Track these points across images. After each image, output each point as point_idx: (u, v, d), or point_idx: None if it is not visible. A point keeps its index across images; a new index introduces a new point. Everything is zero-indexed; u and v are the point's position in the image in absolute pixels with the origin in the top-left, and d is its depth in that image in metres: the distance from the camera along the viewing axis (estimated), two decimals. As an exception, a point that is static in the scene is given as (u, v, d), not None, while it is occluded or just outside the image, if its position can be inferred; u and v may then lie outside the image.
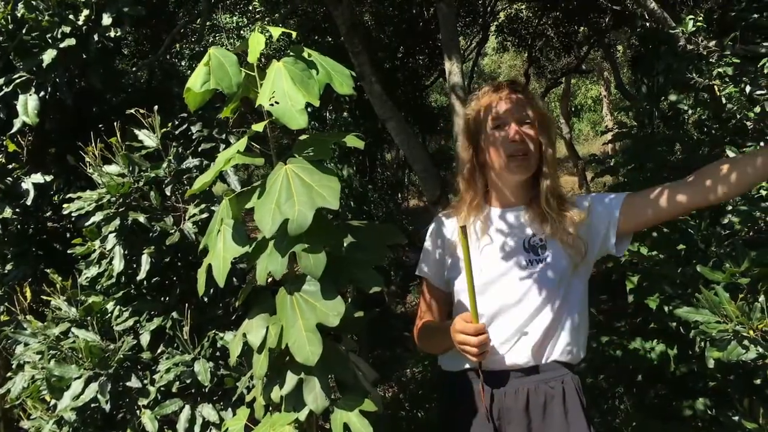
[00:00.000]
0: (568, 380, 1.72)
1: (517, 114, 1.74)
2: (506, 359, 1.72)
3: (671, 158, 3.21)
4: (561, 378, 1.71)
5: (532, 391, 1.70)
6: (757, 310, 1.75)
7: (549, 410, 1.69)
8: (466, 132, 1.85)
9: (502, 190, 1.82)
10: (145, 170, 2.24)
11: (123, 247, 2.19)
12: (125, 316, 2.26)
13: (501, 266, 1.75)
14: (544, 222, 1.74)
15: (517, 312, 1.71)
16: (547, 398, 1.70)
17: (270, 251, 1.36)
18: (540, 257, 1.73)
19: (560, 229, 1.72)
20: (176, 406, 2.14)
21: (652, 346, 2.83)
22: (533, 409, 1.69)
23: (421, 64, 8.67)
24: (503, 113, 1.75)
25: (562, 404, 1.69)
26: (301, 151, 1.37)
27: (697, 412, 2.83)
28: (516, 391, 1.70)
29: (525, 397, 1.70)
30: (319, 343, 1.32)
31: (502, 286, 1.73)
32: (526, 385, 1.71)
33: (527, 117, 1.75)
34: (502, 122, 1.75)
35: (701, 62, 3.08)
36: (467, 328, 1.60)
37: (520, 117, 1.74)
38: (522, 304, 1.71)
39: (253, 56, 1.35)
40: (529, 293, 1.71)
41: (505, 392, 1.71)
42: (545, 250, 1.74)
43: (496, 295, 1.72)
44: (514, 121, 1.73)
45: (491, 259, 1.77)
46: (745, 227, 2.38)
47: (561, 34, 8.66)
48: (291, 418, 1.44)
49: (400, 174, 8.85)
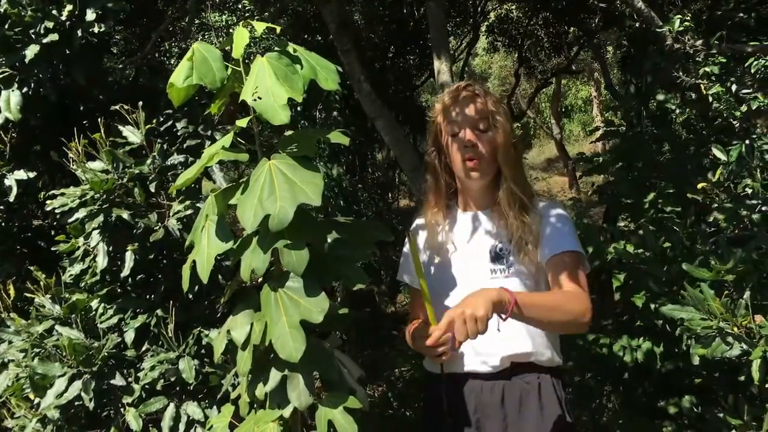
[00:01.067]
0: (545, 377, 1.73)
1: (471, 118, 1.74)
2: (479, 364, 1.73)
3: (659, 158, 3.22)
4: (538, 375, 1.73)
5: (508, 386, 1.71)
6: (741, 307, 1.75)
7: (524, 404, 1.70)
8: (432, 135, 1.85)
9: (467, 194, 1.84)
10: (130, 166, 2.23)
11: (107, 243, 2.17)
12: (109, 313, 2.24)
13: (468, 271, 1.76)
14: (508, 228, 1.75)
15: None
16: (522, 393, 1.71)
17: (253, 247, 1.35)
18: (505, 265, 1.74)
19: (520, 234, 1.72)
20: (161, 404, 2.12)
21: (638, 344, 2.84)
22: (509, 404, 1.70)
23: (412, 64, 8.67)
24: (457, 118, 1.75)
25: (538, 399, 1.70)
26: (285, 147, 1.36)
27: (683, 410, 2.84)
28: (492, 387, 1.72)
29: (501, 391, 1.71)
30: (303, 339, 1.31)
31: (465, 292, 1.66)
32: (501, 381, 1.72)
33: (482, 121, 1.74)
34: (458, 127, 1.75)
35: (688, 61, 3.10)
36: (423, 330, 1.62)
37: (473, 121, 1.74)
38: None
39: (238, 51, 1.34)
40: None
41: (482, 387, 1.73)
42: (509, 258, 1.74)
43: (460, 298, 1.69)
44: (467, 125, 1.73)
45: (457, 263, 1.78)
46: (730, 225, 2.38)
47: (551, 34, 8.68)
48: (275, 415, 1.43)
49: (390, 174, 8.85)
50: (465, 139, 1.72)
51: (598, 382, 3.65)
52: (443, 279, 1.78)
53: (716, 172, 2.44)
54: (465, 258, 1.78)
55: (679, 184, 2.89)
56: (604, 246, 2.74)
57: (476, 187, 1.80)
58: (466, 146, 1.72)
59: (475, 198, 1.83)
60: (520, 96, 15.82)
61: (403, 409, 4.72)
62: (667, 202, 2.86)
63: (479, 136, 1.73)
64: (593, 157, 3.59)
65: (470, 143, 1.71)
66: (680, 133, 3.30)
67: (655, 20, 3.02)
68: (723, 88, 2.80)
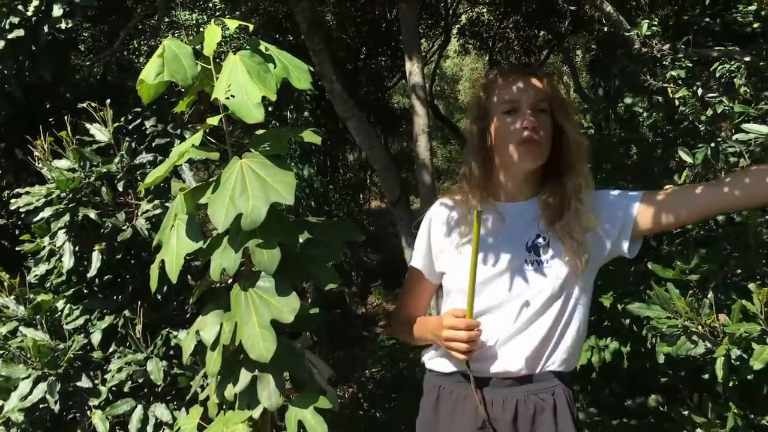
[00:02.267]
0: (559, 392, 1.59)
1: (531, 99, 1.59)
2: (497, 365, 1.60)
3: (627, 161, 3.27)
4: (552, 389, 1.59)
5: (521, 401, 1.58)
6: (705, 306, 1.78)
7: (538, 422, 1.57)
8: (475, 114, 1.69)
9: (508, 182, 1.67)
10: (97, 165, 2.20)
11: (73, 243, 2.14)
12: (75, 314, 2.21)
13: (499, 264, 1.61)
14: (552, 221, 1.60)
15: (512, 315, 1.58)
16: (537, 410, 1.57)
17: (224, 247, 1.34)
18: (541, 258, 1.60)
19: (569, 231, 1.58)
20: (128, 405, 2.10)
21: (606, 344, 2.86)
22: (521, 421, 1.57)
23: (384, 66, 8.70)
24: (516, 96, 1.60)
25: (553, 416, 1.57)
26: (257, 145, 1.35)
27: (649, 408, 2.89)
28: (504, 401, 1.59)
29: (514, 407, 1.58)
30: (274, 339, 1.30)
31: (497, 286, 1.60)
32: (515, 395, 1.58)
33: (542, 103, 1.59)
34: (515, 107, 1.59)
35: (656, 65, 3.15)
36: (458, 323, 1.51)
37: (534, 102, 1.59)
38: (519, 307, 1.58)
39: (209, 49, 1.33)
40: (527, 295, 1.58)
41: (493, 400, 1.60)
42: (547, 252, 1.60)
43: (490, 294, 1.60)
44: (527, 105, 1.58)
45: (490, 256, 1.62)
46: (696, 226, 2.43)
47: (521, 37, 8.77)
48: (245, 416, 1.42)
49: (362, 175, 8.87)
50: (525, 119, 1.57)
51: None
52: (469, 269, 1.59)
53: (682, 174, 2.48)
54: (497, 248, 1.63)
55: (646, 185, 2.94)
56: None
57: (521, 174, 1.64)
58: (526, 127, 1.56)
59: (516, 187, 1.66)
60: (491, 98, 15.90)
61: (373, 410, 4.73)
62: (635, 204, 2.90)
63: (539, 116, 1.58)
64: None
65: (531, 124, 1.56)
66: (647, 136, 3.34)
67: (624, 24, 3.07)
68: (689, 92, 2.86)
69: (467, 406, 1.62)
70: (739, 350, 1.72)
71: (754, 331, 1.69)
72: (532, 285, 1.59)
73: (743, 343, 1.71)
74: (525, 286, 1.59)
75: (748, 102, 2.50)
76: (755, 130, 1.99)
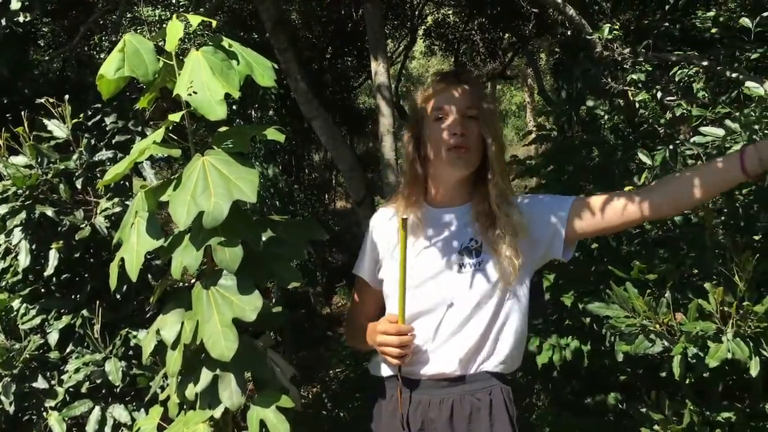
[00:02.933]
0: (496, 391, 1.62)
1: (460, 105, 1.64)
2: (431, 367, 1.63)
3: (588, 163, 3.32)
4: (489, 389, 1.63)
5: (457, 401, 1.61)
6: (663, 305, 1.82)
7: (474, 422, 1.60)
8: (411, 122, 1.74)
9: (442, 187, 1.72)
10: (55, 162, 2.15)
11: (29, 241, 2.10)
12: (32, 314, 2.16)
13: (433, 268, 1.65)
14: (484, 225, 1.65)
15: (445, 317, 1.62)
16: (473, 410, 1.61)
17: (185, 245, 1.32)
18: (474, 262, 1.64)
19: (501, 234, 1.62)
20: (86, 407, 2.06)
21: (567, 343, 2.90)
22: (457, 422, 1.60)
23: (349, 66, 8.68)
24: (445, 104, 1.65)
25: (488, 416, 1.61)
26: (219, 143, 1.34)
27: (608, 406, 2.93)
28: (441, 402, 1.62)
29: (449, 408, 1.61)
30: (235, 338, 1.29)
31: (430, 289, 1.64)
32: (451, 396, 1.62)
33: (471, 110, 1.64)
34: (444, 113, 1.64)
35: (617, 69, 3.20)
36: (389, 328, 1.55)
37: (462, 109, 1.64)
38: (452, 309, 1.62)
39: (171, 44, 1.31)
40: (460, 299, 1.63)
41: (430, 402, 1.63)
42: (480, 256, 1.64)
43: (422, 299, 1.64)
44: (456, 112, 1.63)
45: (424, 260, 1.67)
46: (654, 227, 2.48)
47: (486, 40, 8.83)
48: (206, 416, 1.41)
49: (327, 175, 8.84)
50: (453, 125, 1.62)
51: (528, 381, 3.73)
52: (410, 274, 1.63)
53: (642, 175, 2.53)
54: (434, 253, 1.67)
55: (607, 187, 2.98)
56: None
57: (454, 179, 1.69)
58: (455, 133, 1.61)
59: (450, 192, 1.71)
60: (456, 100, 16.01)
61: (337, 410, 4.72)
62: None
63: (468, 124, 1.63)
64: (526, 159, 3.67)
65: (459, 130, 1.61)
66: (608, 138, 3.40)
67: (586, 27, 3.11)
68: (649, 96, 2.91)
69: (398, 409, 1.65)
70: (696, 348, 1.76)
71: (710, 330, 1.73)
72: (465, 288, 1.63)
73: (699, 341, 1.75)
74: (458, 289, 1.64)
75: (706, 106, 2.56)
76: (712, 133, 2.04)
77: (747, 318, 1.68)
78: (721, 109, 2.37)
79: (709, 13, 2.90)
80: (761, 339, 1.67)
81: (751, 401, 2.17)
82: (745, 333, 1.68)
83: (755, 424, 2.11)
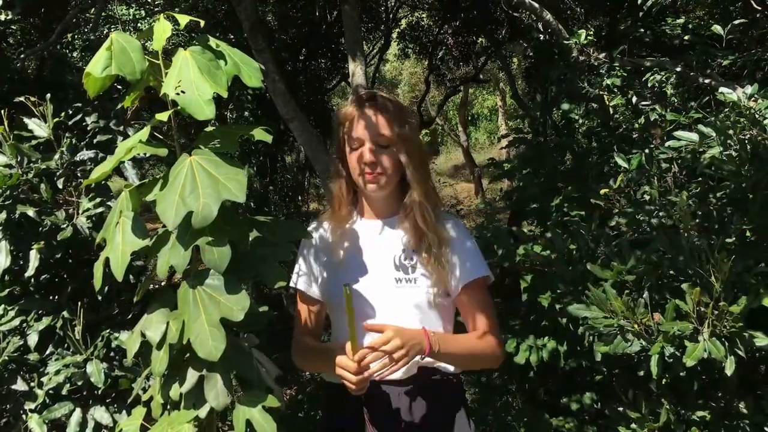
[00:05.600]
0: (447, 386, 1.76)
1: (372, 134, 1.69)
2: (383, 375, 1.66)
3: (562, 167, 3.36)
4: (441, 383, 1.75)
5: (412, 395, 1.71)
6: (641, 306, 1.86)
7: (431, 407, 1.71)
8: (336, 142, 1.80)
9: (369, 202, 1.80)
10: (36, 161, 2.13)
11: (9, 242, 2.07)
12: (11, 315, 2.13)
13: (370, 281, 1.72)
14: (415, 238, 1.72)
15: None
16: (432, 397, 1.72)
17: (172, 244, 1.32)
18: (411, 275, 1.71)
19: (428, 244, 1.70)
20: (66, 409, 2.04)
21: (543, 343, 2.94)
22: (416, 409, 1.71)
23: (324, 68, 8.67)
24: (358, 133, 1.70)
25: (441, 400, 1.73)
26: (206, 143, 1.34)
27: (584, 406, 2.97)
28: (399, 394, 1.71)
29: (408, 402, 1.71)
30: (223, 338, 1.29)
31: (369, 302, 1.71)
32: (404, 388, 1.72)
33: (383, 138, 1.69)
34: (357, 142, 1.70)
35: (592, 73, 3.25)
36: (349, 366, 1.57)
37: (374, 137, 1.69)
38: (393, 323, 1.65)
39: (158, 44, 1.31)
40: (401, 312, 1.70)
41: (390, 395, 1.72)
42: (416, 271, 1.72)
43: (364, 311, 1.70)
44: (367, 141, 1.68)
45: (360, 273, 1.74)
46: (631, 228, 2.52)
47: (460, 43, 8.87)
48: (190, 416, 1.40)
49: (300, 177, 8.80)
50: (364, 157, 1.68)
51: (504, 381, 3.77)
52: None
53: (617, 179, 2.58)
54: (368, 267, 1.74)
55: (581, 189, 3.03)
56: (513, 248, 2.83)
57: (377, 197, 1.77)
58: (366, 163, 1.68)
59: (377, 207, 1.79)
60: (430, 103, 16.11)
61: (313, 412, 4.71)
62: (572, 206, 2.99)
63: (379, 152, 1.69)
64: (501, 163, 3.72)
65: (369, 161, 1.67)
66: (583, 142, 3.45)
67: (563, 32, 3.16)
68: (624, 100, 2.97)
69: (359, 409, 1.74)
70: (673, 348, 1.80)
71: (687, 330, 1.77)
72: (405, 302, 1.71)
73: (677, 341, 1.79)
74: (398, 303, 1.71)
75: (679, 110, 2.62)
76: (686, 137, 2.09)
77: (723, 318, 1.72)
78: (695, 113, 2.42)
79: (678, 20, 2.96)
80: (736, 339, 1.72)
81: (726, 400, 2.21)
82: (721, 333, 1.73)
83: (729, 422, 2.15)
